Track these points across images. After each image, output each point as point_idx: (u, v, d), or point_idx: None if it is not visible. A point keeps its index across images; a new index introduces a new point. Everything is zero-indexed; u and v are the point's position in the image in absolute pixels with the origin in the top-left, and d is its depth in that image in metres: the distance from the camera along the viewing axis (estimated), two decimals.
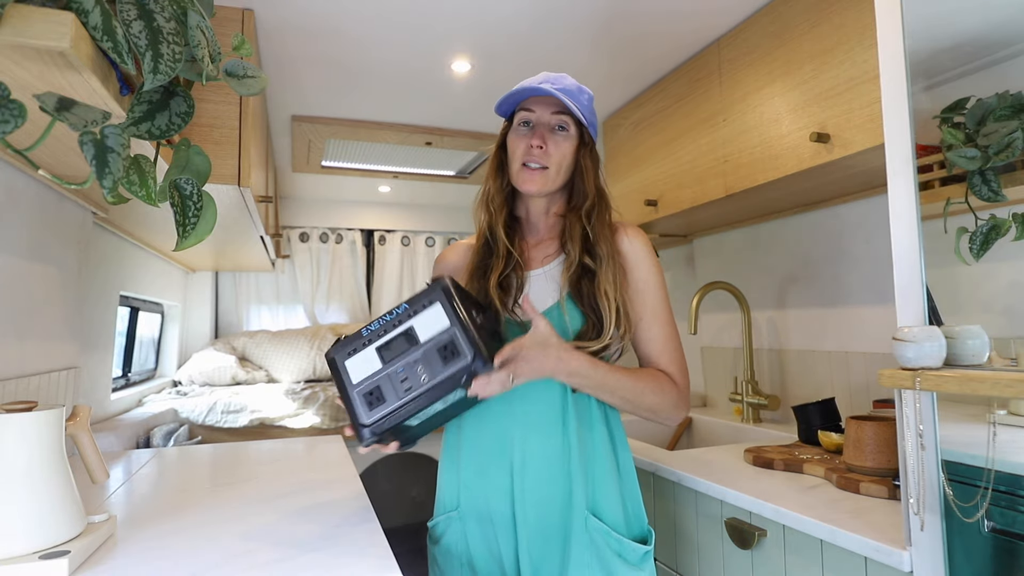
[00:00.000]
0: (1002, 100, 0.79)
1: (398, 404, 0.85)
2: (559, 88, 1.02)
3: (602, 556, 0.96)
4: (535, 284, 1.05)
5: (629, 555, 0.97)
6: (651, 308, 1.05)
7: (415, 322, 0.88)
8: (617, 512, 0.99)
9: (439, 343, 0.86)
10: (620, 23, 1.64)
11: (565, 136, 1.04)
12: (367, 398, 0.87)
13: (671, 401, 1.01)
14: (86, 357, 1.68)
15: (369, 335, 0.89)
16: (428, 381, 0.85)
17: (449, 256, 1.17)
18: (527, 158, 1.03)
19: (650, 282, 1.05)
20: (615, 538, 0.97)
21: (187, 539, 0.88)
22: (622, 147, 2.21)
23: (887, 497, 1.08)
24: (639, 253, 1.06)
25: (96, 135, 0.64)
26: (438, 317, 0.88)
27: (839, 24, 1.30)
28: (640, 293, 1.05)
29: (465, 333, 0.86)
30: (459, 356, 0.85)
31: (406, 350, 0.87)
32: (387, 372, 0.87)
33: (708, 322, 2.25)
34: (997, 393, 0.70)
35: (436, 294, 0.89)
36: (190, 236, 0.76)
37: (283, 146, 2.55)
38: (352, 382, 0.87)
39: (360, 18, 1.59)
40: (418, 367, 0.86)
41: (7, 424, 0.73)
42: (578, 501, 0.97)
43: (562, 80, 1.04)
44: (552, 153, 1.03)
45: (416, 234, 3.61)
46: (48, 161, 1.04)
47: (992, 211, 0.80)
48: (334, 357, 0.89)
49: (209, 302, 3.15)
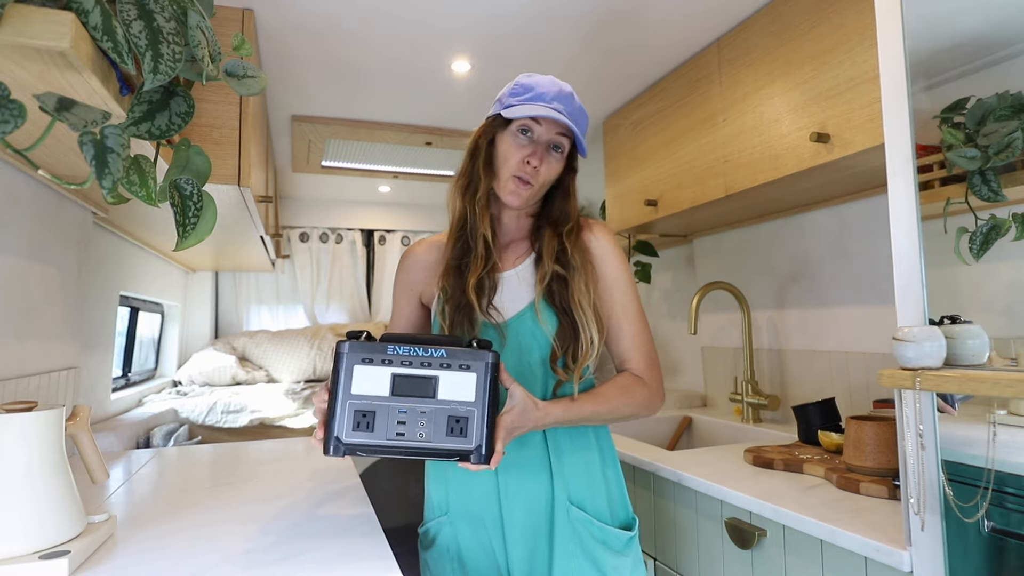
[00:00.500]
0: (1002, 100, 0.79)
1: (383, 443, 0.80)
2: (569, 111, 1.01)
3: (585, 545, 0.98)
4: (508, 285, 1.03)
5: (613, 542, 0.99)
6: (620, 304, 1.05)
7: (443, 375, 0.83)
8: (600, 501, 1.01)
9: (454, 412, 0.82)
10: (620, 23, 1.64)
11: (558, 158, 1.03)
12: (357, 416, 0.81)
13: (642, 402, 1.02)
14: (86, 357, 1.68)
15: (392, 355, 0.83)
16: (423, 440, 0.80)
17: (421, 255, 1.13)
18: (520, 171, 1.00)
19: (618, 278, 1.05)
20: (598, 526, 0.99)
21: (187, 539, 0.88)
22: (622, 147, 2.20)
23: (887, 497, 1.08)
24: (605, 250, 1.06)
25: (96, 135, 0.64)
26: (467, 386, 0.83)
27: (839, 24, 1.30)
28: (608, 289, 1.05)
29: (483, 420, 0.81)
30: (465, 438, 0.81)
31: (419, 396, 0.82)
32: (389, 404, 0.81)
33: (708, 322, 2.25)
34: (997, 393, 0.70)
35: (478, 363, 0.83)
36: (190, 236, 0.76)
37: (283, 146, 2.55)
38: (351, 391, 0.82)
39: (360, 18, 1.59)
40: (421, 420, 0.81)
41: (7, 424, 0.73)
42: (560, 494, 0.99)
43: (572, 101, 1.02)
44: (543, 172, 1.01)
45: (416, 234, 3.61)
46: (48, 161, 1.04)
47: (992, 211, 0.80)
48: (345, 353, 0.83)
49: (209, 302, 3.15)
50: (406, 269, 1.14)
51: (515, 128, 1.01)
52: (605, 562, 0.98)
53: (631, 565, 1.01)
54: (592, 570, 0.97)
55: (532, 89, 1.01)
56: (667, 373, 2.52)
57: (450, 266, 1.04)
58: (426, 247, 1.14)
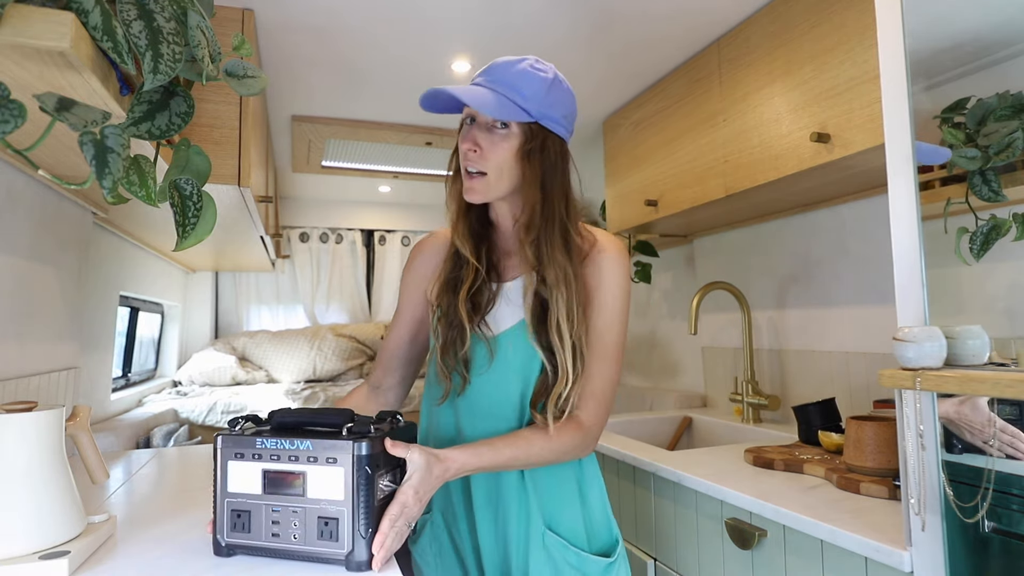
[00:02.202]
0: (1002, 100, 0.79)
1: (261, 544, 0.76)
2: (492, 80, 0.90)
3: (560, 571, 0.92)
4: (506, 298, 0.97)
5: (590, 570, 0.93)
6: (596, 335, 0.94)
7: (311, 471, 0.74)
8: (577, 526, 0.95)
9: (324, 512, 0.74)
10: (620, 23, 1.64)
11: (504, 135, 0.91)
12: (234, 516, 0.76)
13: (571, 448, 0.90)
14: (86, 357, 1.68)
15: (261, 449, 0.76)
16: (296, 542, 0.75)
17: (429, 250, 1.08)
18: (464, 162, 0.93)
19: (606, 306, 0.94)
20: (573, 552, 0.93)
21: (187, 539, 0.88)
22: (622, 147, 2.20)
23: (887, 497, 1.08)
24: (606, 275, 0.95)
25: (96, 135, 0.64)
26: (335, 483, 0.74)
27: (839, 24, 1.30)
28: (589, 317, 0.94)
29: (355, 520, 0.73)
30: (336, 542, 0.73)
31: (289, 494, 0.75)
32: (263, 504, 0.76)
33: (708, 322, 2.25)
34: (997, 393, 0.70)
35: (344, 455, 0.73)
36: (190, 236, 0.76)
37: (283, 146, 2.55)
38: (227, 489, 0.77)
39: (360, 18, 1.59)
40: (293, 520, 0.74)
41: (7, 424, 0.73)
42: (535, 517, 0.93)
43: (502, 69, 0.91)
44: (489, 157, 0.91)
45: (416, 234, 3.61)
46: (48, 161, 1.04)
47: (992, 211, 0.80)
48: (219, 448, 0.78)
49: (209, 302, 3.15)
50: (413, 265, 1.09)
51: (463, 118, 0.95)
52: None
53: None
54: None
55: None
56: (667, 373, 2.52)
57: (445, 281, 0.99)
58: (434, 242, 1.09)
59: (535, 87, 0.91)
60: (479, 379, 0.95)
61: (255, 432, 0.79)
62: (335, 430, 0.78)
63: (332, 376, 2.94)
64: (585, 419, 0.92)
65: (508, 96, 0.89)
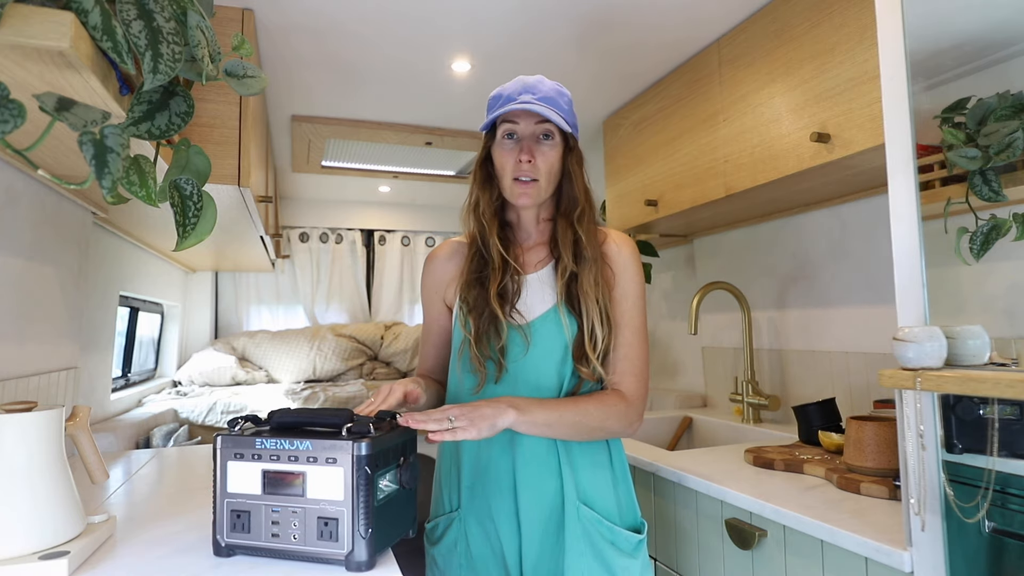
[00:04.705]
0: (1002, 100, 0.79)
1: (261, 544, 0.76)
2: (540, 97, 1.02)
3: (595, 544, 0.99)
4: (530, 289, 1.06)
5: (622, 543, 1.00)
6: (627, 315, 1.05)
7: (310, 471, 0.75)
8: (609, 501, 1.02)
9: (323, 512, 0.74)
10: (620, 23, 1.64)
11: (551, 145, 1.04)
12: (233, 516, 0.77)
13: (617, 413, 0.99)
14: (86, 357, 1.68)
15: (260, 450, 0.77)
16: (296, 543, 0.75)
17: (442, 257, 1.16)
18: (517, 172, 1.03)
19: (629, 292, 1.06)
20: (607, 526, 1.00)
21: (187, 539, 0.88)
22: (622, 147, 2.20)
23: (887, 497, 1.08)
24: (626, 262, 1.07)
25: (96, 135, 0.64)
26: (335, 483, 0.74)
27: (839, 24, 1.30)
28: (616, 302, 1.05)
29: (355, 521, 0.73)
30: (336, 542, 0.73)
31: (289, 494, 0.75)
32: (263, 504, 0.76)
33: (708, 322, 2.25)
34: (997, 393, 0.70)
35: (344, 455, 0.74)
36: (190, 236, 0.76)
37: (283, 146, 2.55)
38: (227, 490, 0.77)
39: (360, 18, 1.59)
40: (293, 521, 0.75)
41: (7, 424, 0.73)
42: (569, 492, 0.99)
43: (540, 87, 1.04)
44: (540, 165, 1.03)
45: (416, 234, 3.61)
46: (48, 161, 1.04)
47: (992, 211, 0.80)
48: (219, 449, 0.78)
49: (209, 302, 3.15)
50: (429, 273, 1.17)
51: (501, 136, 1.05)
52: (615, 563, 0.99)
53: (640, 568, 1.01)
54: (602, 570, 0.98)
55: (501, 95, 1.05)
56: (667, 373, 2.52)
57: (470, 279, 1.07)
58: (448, 249, 1.17)
59: (565, 101, 1.06)
60: (515, 365, 1.02)
61: (255, 432, 0.80)
62: (335, 430, 0.79)
63: (332, 376, 2.93)
64: (627, 393, 1.02)
65: (557, 111, 1.02)
